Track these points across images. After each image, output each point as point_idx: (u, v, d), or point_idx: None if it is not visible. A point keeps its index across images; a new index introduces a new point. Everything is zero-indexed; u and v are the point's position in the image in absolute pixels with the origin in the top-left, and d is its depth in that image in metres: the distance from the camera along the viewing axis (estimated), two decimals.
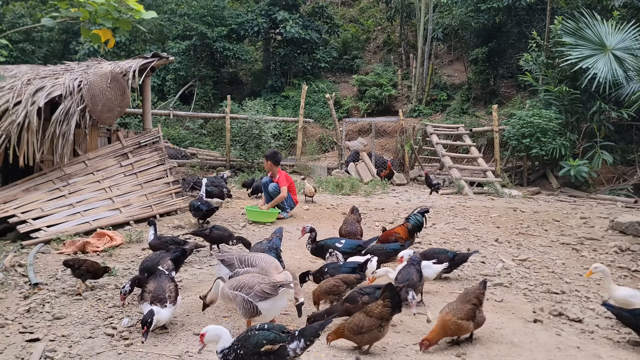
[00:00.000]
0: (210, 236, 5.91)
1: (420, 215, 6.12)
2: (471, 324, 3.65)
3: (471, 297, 3.71)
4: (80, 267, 4.63)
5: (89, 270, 4.66)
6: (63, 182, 7.22)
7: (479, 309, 3.72)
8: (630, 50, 11.27)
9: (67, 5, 3.90)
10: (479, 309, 3.72)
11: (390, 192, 10.71)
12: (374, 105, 18.42)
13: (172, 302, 3.73)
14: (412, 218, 6.09)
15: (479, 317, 3.71)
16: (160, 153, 8.36)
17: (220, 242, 5.90)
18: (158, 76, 18.79)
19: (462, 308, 3.64)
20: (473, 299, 3.69)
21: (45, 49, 19.09)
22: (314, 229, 5.49)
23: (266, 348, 2.62)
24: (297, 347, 2.69)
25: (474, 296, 3.72)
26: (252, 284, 3.61)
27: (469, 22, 17.13)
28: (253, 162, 12.92)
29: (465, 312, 3.62)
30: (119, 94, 7.87)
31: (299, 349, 2.68)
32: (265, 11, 18.81)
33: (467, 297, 3.73)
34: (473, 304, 3.67)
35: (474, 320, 3.67)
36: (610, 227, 7.33)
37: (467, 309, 3.63)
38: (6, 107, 6.94)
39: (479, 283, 3.91)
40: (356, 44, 22.75)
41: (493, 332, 3.95)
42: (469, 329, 3.67)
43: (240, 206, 8.50)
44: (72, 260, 4.75)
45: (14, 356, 3.46)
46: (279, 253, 4.85)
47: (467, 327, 3.63)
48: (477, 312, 3.69)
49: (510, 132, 12.08)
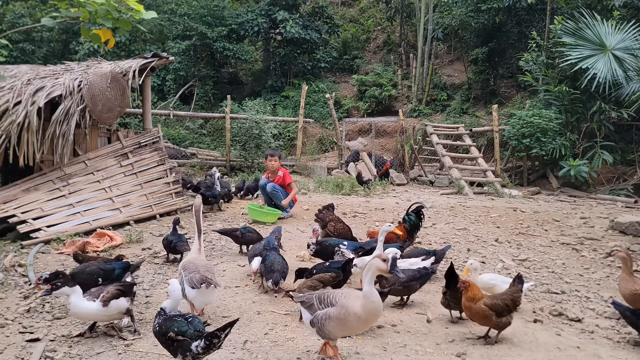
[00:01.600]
0: (242, 239, 5.84)
1: (414, 215, 6.02)
2: (494, 317, 3.67)
3: (507, 298, 3.77)
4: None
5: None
6: (63, 182, 7.22)
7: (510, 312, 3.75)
8: (630, 50, 11.28)
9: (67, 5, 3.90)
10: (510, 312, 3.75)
11: (390, 192, 10.71)
12: (374, 105, 18.43)
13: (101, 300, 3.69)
14: (406, 219, 6.03)
15: (505, 319, 3.72)
16: (160, 153, 8.36)
17: (250, 244, 5.74)
18: (158, 76, 18.79)
19: (495, 300, 3.72)
20: (509, 300, 3.75)
21: (45, 49, 19.09)
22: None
23: (170, 335, 2.99)
24: (198, 345, 2.95)
25: (510, 299, 3.77)
26: (192, 270, 3.99)
27: (469, 22, 17.14)
28: (253, 162, 12.92)
29: (494, 304, 3.68)
30: (119, 94, 7.87)
31: (200, 348, 2.94)
32: (265, 11, 18.82)
33: (504, 296, 3.81)
34: (505, 304, 3.72)
35: (499, 318, 3.69)
36: (610, 227, 7.33)
37: (497, 304, 3.69)
38: (6, 107, 6.94)
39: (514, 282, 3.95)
40: (356, 44, 22.75)
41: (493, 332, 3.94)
42: (490, 320, 3.69)
43: (240, 206, 8.49)
44: (81, 256, 4.86)
45: (14, 356, 3.46)
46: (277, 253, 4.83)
47: (487, 317, 3.67)
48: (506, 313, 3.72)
49: (510, 132, 12.08)
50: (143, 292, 4.73)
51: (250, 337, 3.72)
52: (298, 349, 3.55)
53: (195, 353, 2.97)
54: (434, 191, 11.27)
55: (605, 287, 5.20)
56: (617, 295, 4.96)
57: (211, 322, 4.01)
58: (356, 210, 8.25)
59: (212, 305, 4.34)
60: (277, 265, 4.55)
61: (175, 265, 5.54)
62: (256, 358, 3.43)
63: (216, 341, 2.98)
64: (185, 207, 7.94)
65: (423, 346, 3.66)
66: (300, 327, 3.92)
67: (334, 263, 4.65)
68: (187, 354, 2.98)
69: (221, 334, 2.98)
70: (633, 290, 4.15)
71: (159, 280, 5.09)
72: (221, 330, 2.99)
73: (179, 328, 3.01)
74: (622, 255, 4.27)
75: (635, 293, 4.14)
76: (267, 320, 4.06)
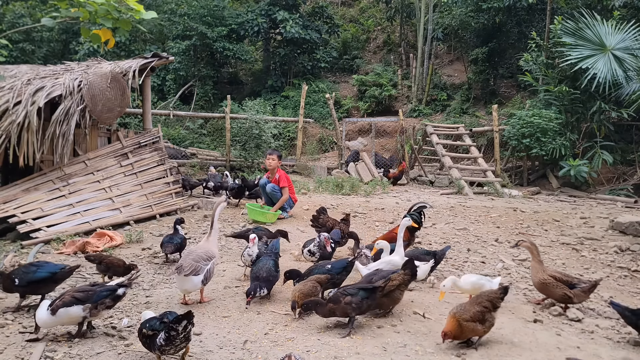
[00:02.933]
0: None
1: (416, 214, 6.07)
2: (478, 326, 3.59)
3: (482, 300, 3.69)
4: (100, 262, 4.81)
5: (109, 266, 4.83)
6: (63, 182, 7.22)
7: (491, 312, 3.66)
8: (630, 50, 11.28)
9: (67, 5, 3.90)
10: (491, 312, 3.66)
11: (390, 192, 10.71)
12: (374, 105, 18.42)
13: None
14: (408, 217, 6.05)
15: (489, 321, 3.64)
16: (160, 153, 8.36)
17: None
18: (158, 76, 18.79)
19: (470, 309, 3.60)
20: (485, 301, 3.67)
21: (45, 49, 19.09)
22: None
23: (144, 332, 3.26)
24: (160, 338, 3.16)
25: (486, 299, 3.69)
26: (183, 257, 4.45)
27: (469, 22, 17.14)
28: (253, 162, 12.92)
29: (472, 314, 3.57)
30: (119, 94, 7.87)
31: (162, 340, 3.15)
32: (265, 11, 18.82)
33: (479, 299, 3.71)
34: (484, 306, 3.63)
35: (483, 323, 3.61)
36: (610, 227, 7.33)
37: (476, 311, 3.59)
38: (6, 107, 6.94)
39: (499, 288, 3.85)
40: (356, 44, 22.75)
41: (493, 332, 3.94)
42: (477, 331, 3.61)
43: (240, 206, 8.49)
44: (93, 255, 4.93)
45: (14, 356, 3.46)
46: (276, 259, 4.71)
47: (473, 329, 3.59)
48: (487, 315, 3.63)
49: (510, 132, 12.08)
50: (143, 292, 4.73)
51: (250, 337, 3.72)
52: (298, 349, 3.55)
53: (159, 345, 3.17)
54: (434, 191, 11.27)
55: (605, 287, 5.20)
56: (618, 295, 4.98)
57: (210, 322, 4.01)
58: (356, 210, 8.25)
59: (212, 305, 4.35)
60: (263, 273, 4.37)
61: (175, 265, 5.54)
62: (256, 358, 3.43)
63: (174, 333, 3.13)
64: (185, 207, 7.94)
65: (423, 346, 3.66)
66: (300, 327, 3.93)
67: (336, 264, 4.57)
68: (155, 346, 3.20)
69: (177, 326, 3.13)
70: (542, 279, 4.39)
71: (159, 280, 5.09)
72: (175, 322, 3.13)
73: (151, 325, 3.25)
74: (527, 246, 4.55)
75: (543, 282, 4.37)
76: (267, 320, 4.05)
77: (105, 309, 3.77)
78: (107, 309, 3.81)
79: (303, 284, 4.15)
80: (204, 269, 4.29)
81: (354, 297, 3.79)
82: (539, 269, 4.45)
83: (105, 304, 3.74)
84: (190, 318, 3.19)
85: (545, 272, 4.42)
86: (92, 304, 3.67)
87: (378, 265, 4.65)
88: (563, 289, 4.33)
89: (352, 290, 3.85)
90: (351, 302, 3.75)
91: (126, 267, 4.88)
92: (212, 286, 4.76)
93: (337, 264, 4.53)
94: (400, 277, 4.03)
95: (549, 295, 4.48)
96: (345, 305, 3.76)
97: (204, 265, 4.30)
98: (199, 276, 4.25)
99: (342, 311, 3.80)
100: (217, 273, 5.21)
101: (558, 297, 4.39)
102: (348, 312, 3.80)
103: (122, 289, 3.83)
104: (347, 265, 4.51)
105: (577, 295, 4.34)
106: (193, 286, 4.28)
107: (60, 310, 3.60)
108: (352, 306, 3.77)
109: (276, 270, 4.51)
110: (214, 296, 4.58)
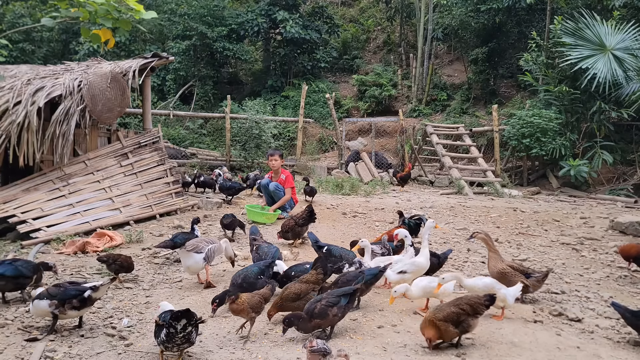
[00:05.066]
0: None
1: (414, 222, 6.39)
2: (450, 327, 3.52)
3: (462, 302, 3.64)
4: (114, 262, 4.88)
5: (122, 265, 4.89)
6: (63, 182, 7.22)
7: (469, 317, 3.58)
8: (630, 50, 11.28)
9: (67, 5, 3.90)
10: (469, 317, 3.58)
11: (390, 192, 10.71)
12: (374, 105, 18.42)
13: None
14: (406, 223, 6.27)
15: (465, 325, 3.57)
16: (160, 153, 8.36)
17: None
18: (158, 76, 18.79)
19: (445, 309, 3.57)
20: (464, 304, 3.61)
21: (45, 49, 19.09)
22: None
23: (155, 321, 3.36)
24: (163, 332, 3.22)
25: (466, 302, 3.63)
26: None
27: (469, 22, 17.13)
28: (253, 162, 12.92)
29: (446, 314, 3.53)
30: (119, 94, 7.87)
31: (164, 335, 3.20)
32: (265, 11, 18.81)
33: (459, 300, 3.67)
34: (461, 309, 3.57)
35: (458, 326, 3.55)
36: (610, 227, 7.33)
37: (451, 312, 3.55)
38: (6, 107, 6.94)
39: (485, 295, 3.78)
40: (356, 44, 22.75)
41: (493, 332, 3.94)
42: (449, 332, 3.54)
43: (240, 206, 8.49)
44: (105, 255, 4.99)
45: (14, 356, 3.46)
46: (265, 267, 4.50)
47: (445, 330, 3.53)
48: (464, 318, 3.55)
49: (510, 132, 12.08)
50: (143, 292, 4.73)
51: (250, 337, 3.72)
52: (298, 349, 3.55)
53: (161, 340, 3.22)
54: (434, 191, 11.27)
55: (605, 287, 5.20)
56: (618, 295, 4.97)
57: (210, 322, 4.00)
58: (356, 210, 8.25)
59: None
60: (238, 279, 4.28)
61: (175, 265, 5.55)
62: (256, 358, 3.43)
63: (173, 331, 3.17)
64: (185, 207, 7.94)
65: (423, 346, 3.66)
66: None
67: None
68: (159, 339, 3.26)
69: (175, 324, 3.16)
70: (501, 269, 4.45)
71: (159, 280, 5.09)
72: (174, 319, 3.16)
73: (164, 318, 3.32)
74: (482, 237, 4.63)
75: (502, 271, 4.43)
76: (267, 320, 4.05)
77: (72, 309, 3.72)
78: (75, 310, 3.74)
79: (251, 296, 3.80)
80: (205, 248, 4.69)
81: (338, 306, 3.68)
82: (498, 259, 4.53)
83: (72, 304, 3.71)
84: (190, 318, 3.16)
85: (504, 262, 4.52)
86: (59, 301, 3.68)
87: (402, 266, 4.57)
88: (521, 277, 4.43)
89: (334, 299, 3.71)
90: (337, 314, 3.68)
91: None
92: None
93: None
94: (313, 277, 4.06)
95: (506, 285, 4.43)
96: (334, 317, 3.68)
97: (205, 246, 4.71)
98: (201, 254, 4.65)
99: (329, 324, 3.72)
100: (217, 273, 5.22)
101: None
102: (334, 323, 3.74)
103: (89, 291, 3.75)
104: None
105: (533, 285, 4.48)
106: (195, 263, 4.66)
107: (35, 301, 3.74)
108: (338, 316, 3.70)
109: (256, 277, 4.32)
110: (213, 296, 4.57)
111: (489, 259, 4.64)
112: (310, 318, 3.62)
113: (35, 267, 4.49)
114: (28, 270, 4.37)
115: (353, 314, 4.09)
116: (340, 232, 7.07)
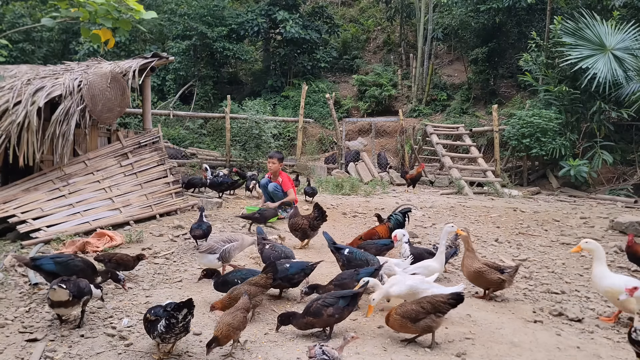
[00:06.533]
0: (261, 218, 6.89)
1: (400, 215, 6.11)
2: (409, 323, 3.56)
3: (423, 301, 3.64)
4: (110, 260, 4.91)
5: (119, 262, 4.92)
6: (63, 182, 7.22)
7: (430, 315, 3.56)
8: (630, 50, 11.29)
9: (67, 5, 3.89)
10: (430, 315, 3.56)
11: (390, 192, 10.71)
12: (374, 105, 18.43)
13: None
14: (392, 218, 6.08)
15: (424, 322, 3.56)
16: (160, 153, 8.36)
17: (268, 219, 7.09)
18: (158, 76, 18.79)
19: (407, 306, 3.63)
20: (425, 302, 3.61)
21: (45, 49, 19.09)
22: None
23: (147, 317, 3.40)
24: (161, 325, 3.26)
25: (428, 301, 3.63)
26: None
27: (469, 22, 17.15)
28: (253, 162, 12.93)
29: (405, 310, 3.59)
30: (119, 94, 7.87)
31: (162, 327, 3.25)
32: (265, 11, 18.82)
33: (422, 299, 3.68)
34: (421, 307, 3.58)
35: (416, 323, 3.56)
36: (610, 227, 7.33)
37: (411, 309, 3.59)
38: (6, 107, 6.93)
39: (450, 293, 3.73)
40: (356, 44, 22.76)
41: (493, 332, 3.95)
42: (407, 328, 3.60)
43: (240, 206, 8.49)
44: (102, 255, 5.06)
45: (14, 356, 3.46)
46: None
47: (402, 325, 3.60)
48: (423, 316, 3.55)
49: (510, 132, 12.08)
50: (143, 292, 4.73)
51: (250, 337, 3.72)
52: (298, 349, 3.55)
53: (159, 332, 3.26)
54: (434, 191, 11.27)
55: None
56: None
57: (210, 322, 4.00)
58: (356, 210, 8.25)
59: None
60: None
61: (175, 265, 5.56)
62: (256, 358, 3.43)
63: (174, 321, 3.22)
64: (185, 207, 7.94)
65: (423, 346, 3.66)
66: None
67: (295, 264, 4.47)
68: (155, 332, 3.28)
69: (177, 314, 3.21)
70: (478, 268, 4.51)
71: (159, 280, 5.09)
72: (176, 309, 3.20)
73: (155, 312, 3.37)
74: (465, 236, 4.72)
75: (478, 270, 4.50)
76: (267, 320, 4.06)
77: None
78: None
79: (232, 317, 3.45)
80: (220, 249, 4.89)
81: (335, 307, 3.68)
82: (474, 259, 4.58)
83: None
84: (191, 307, 3.28)
85: (480, 261, 4.57)
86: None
87: (415, 269, 4.54)
88: (497, 274, 4.50)
89: (331, 300, 3.71)
90: (333, 314, 3.67)
91: (134, 259, 5.05)
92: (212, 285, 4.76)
93: (296, 265, 4.46)
94: (263, 280, 4.06)
95: (483, 283, 4.57)
96: (328, 317, 3.67)
97: (220, 246, 4.90)
98: (215, 254, 4.88)
99: (323, 323, 3.72)
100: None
101: (494, 283, 4.55)
102: (330, 323, 3.73)
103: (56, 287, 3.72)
104: (305, 267, 4.44)
105: (507, 280, 4.55)
106: (209, 262, 4.87)
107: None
108: (334, 317, 3.69)
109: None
110: (214, 297, 4.57)
111: (464, 257, 4.65)
112: (304, 315, 3.71)
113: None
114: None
115: (353, 314, 4.08)
116: (340, 232, 7.07)
